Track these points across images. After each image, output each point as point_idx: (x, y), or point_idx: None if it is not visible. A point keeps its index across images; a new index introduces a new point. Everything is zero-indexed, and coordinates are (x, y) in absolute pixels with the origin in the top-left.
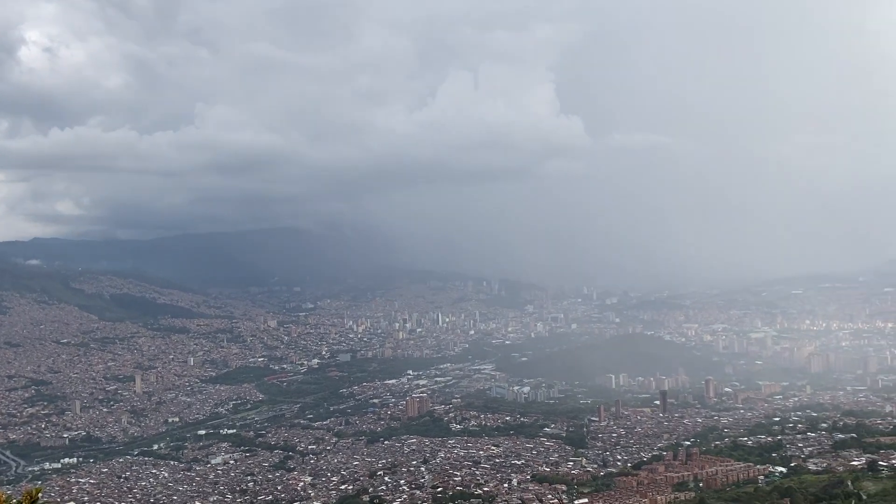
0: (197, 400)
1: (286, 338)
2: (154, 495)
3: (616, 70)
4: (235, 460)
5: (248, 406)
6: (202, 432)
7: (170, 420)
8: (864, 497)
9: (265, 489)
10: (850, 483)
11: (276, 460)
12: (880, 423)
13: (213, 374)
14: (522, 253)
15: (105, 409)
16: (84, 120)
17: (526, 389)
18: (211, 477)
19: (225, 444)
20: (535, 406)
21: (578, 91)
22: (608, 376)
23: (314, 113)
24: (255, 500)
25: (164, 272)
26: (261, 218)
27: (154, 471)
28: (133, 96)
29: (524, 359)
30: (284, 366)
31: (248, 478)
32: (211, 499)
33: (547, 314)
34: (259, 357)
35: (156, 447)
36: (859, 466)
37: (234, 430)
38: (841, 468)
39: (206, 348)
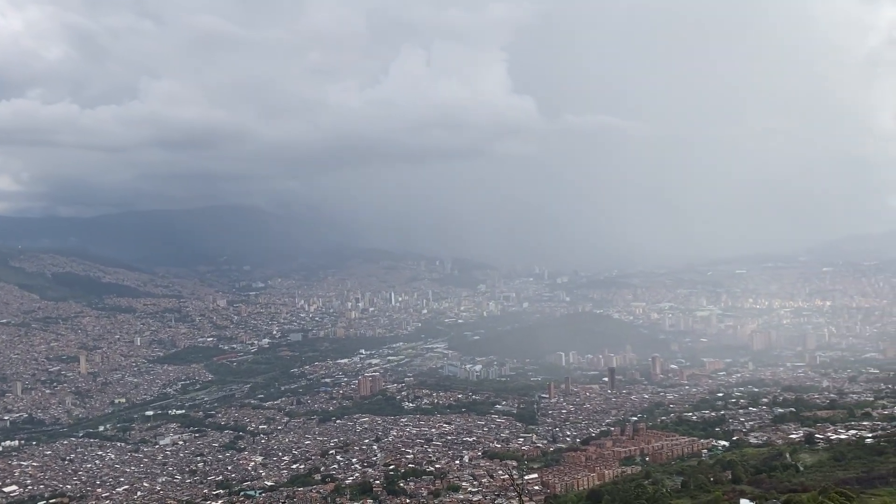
0: (144, 380)
1: (236, 317)
2: (100, 477)
3: (568, 50)
4: (184, 441)
5: (197, 386)
6: (150, 413)
7: (116, 401)
8: (801, 468)
9: (215, 469)
10: (788, 455)
11: (227, 440)
12: (817, 398)
13: (161, 355)
14: (475, 232)
15: (48, 391)
16: (23, 92)
17: (478, 368)
18: (159, 458)
19: (173, 425)
20: (487, 384)
21: (531, 71)
22: (558, 354)
23: (264, 89)
24: (204, 481)
25: (108, 250)
26: (209, 195)
27: (100, 452)
28: (74, 68)
29: (476, 337)
30: (234, 346)
31: (198, 458)
32: (160, 480)
33: (499, 293)
34: (208, 337)
35: (101, 429)
36: (797, 439)
37: (183, 411)
38: (780, 441)
39: (153, 328)
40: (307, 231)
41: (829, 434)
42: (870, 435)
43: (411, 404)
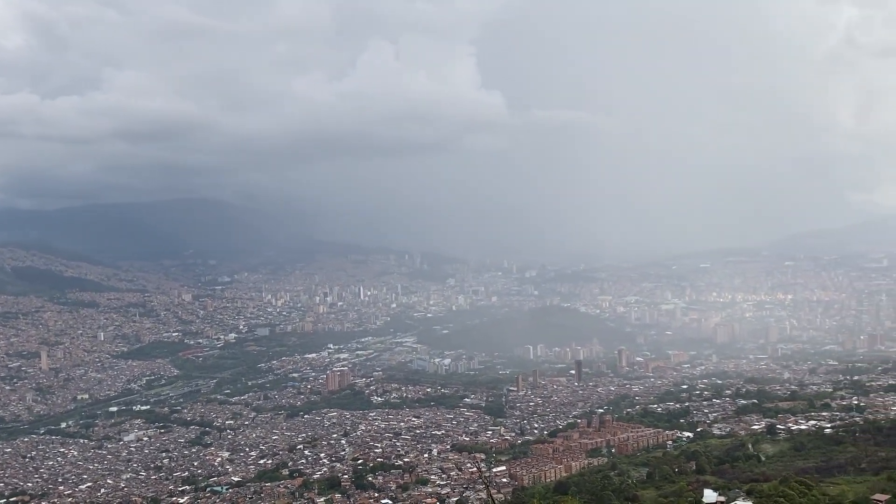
0: (108, 376)
1: (202, 312)
2: (62, 475)
3: (536, 45)
4: (149, 437)
5: (163, 382)
6: (114, 409)
7: (79, 397)
8: (763, 459)
9: (181, 465)
10: (750, 446)
11: (193, 436)
12: (779, 389)
13: (125, 350)
14: (444, 226)
15: (7, 387)
16: None
17: (447, 361)
18: (124, 454)
19: (138, 421)
20: (456, 377)
21: (500, 66)
22: (526, 347)
23: (231, 80)
24: (170, 477)
25: (70, 244)
26: (174, 188)
27: (62, 450)
28: (34, 58)
29: (445, 331)
30: (200, 340)
31: (163, 454)
32: (124, 476)
33: (468, 287)
34: (173, 332)
35: (64, 425)
36: (759, 430)
37: (148, 407)
38: (743, 432)
39: (117, 323)
40: (275, 225)
41: (790, 425)
42: (829, 425)
43: (380, 398)
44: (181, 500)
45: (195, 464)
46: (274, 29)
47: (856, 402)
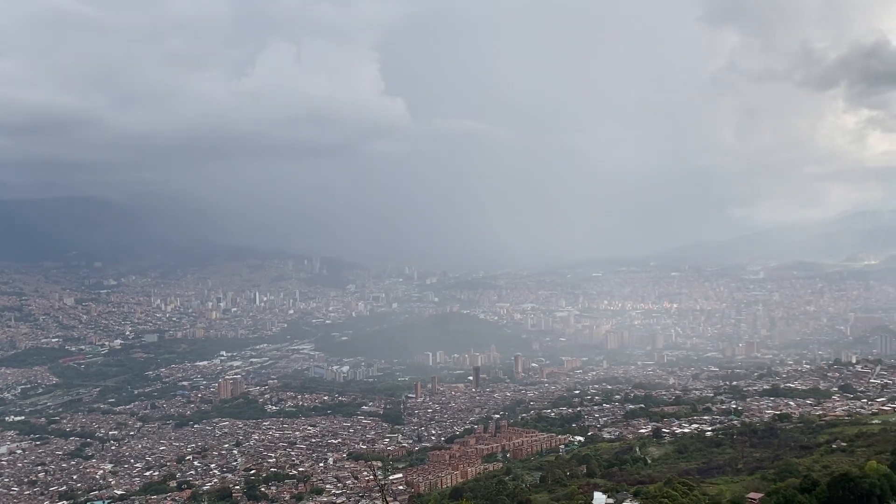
0: None
1: (85, 317)
2: None
3: (438, 55)
4: (24, 450)
5: (40, 390)
6: None
7: None
8: (649, 461)
9: (58, 479)
10: (637, 449)
11: (72, 448)
12: (665, 394)
13: None
14: (345, 232)
15: None
16: None
17: (345, 369)
18: None
19: (11, 433)
20: (354, 385)
21: (403, 73)
22: (426, 354)
23: (119, 74)
24: (46, 492)
25: None
26: (55, 185)
27: None
28: None
29: (344, 338)
30: (83, 347)
31: (39, 468)
32: None
33: (369, 293)
34: (53, 337)
35: None
36: (646, 434)
37: (23, 417)
38: (631, 436)
39: None
40: (165, 226)
41: (675, 428)
42: (710, 428)
43: (275, 407)
44: None
45: (74, 477)
46: (168, 23)
47: (734, 406)
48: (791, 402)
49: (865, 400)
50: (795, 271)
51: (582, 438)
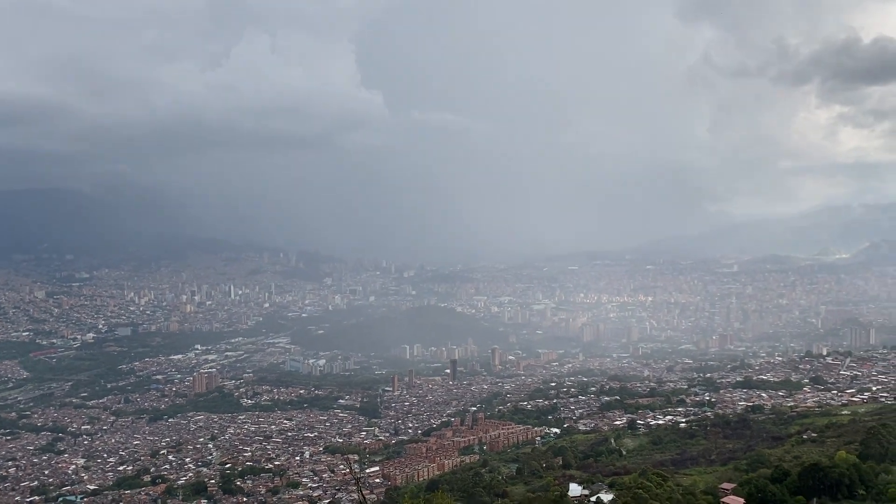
0: None
1: (56, 310)
2: None
3: (416, 47)
4: None
5: (10, 385)
6: None
7: None
8: (625, 453)
9: (29, 474)
10: (613, 441)
11: (44, 443)
12: (640, 387)
13: None
14: (322, 224)
15: None
16: None
17: (322, 362)
18: None
19: None
20: (331, 378)
21: (380, 65)
22: (403, 347)
23: (91, 65)
24: (17, 487)
25: None
26: (26, 177)
27: None
28: None
29: (321, 331)
30: (54, 340)
31: (9, 463)
32: None
33: (345, 286)
34: (23, 331)
35: None
36: (621, 425)
37: None
38: (606, 427)
39: None
40: (138, 219)
41: (649, 420)
42: (683, 420)
43: (250, 401)
44: None
45: (46, 472)
46: (141, 13)
47: (707, 398)
48: (763, 394)
49: (836, 391)
50: (768, 265)
51: (558, 430)
